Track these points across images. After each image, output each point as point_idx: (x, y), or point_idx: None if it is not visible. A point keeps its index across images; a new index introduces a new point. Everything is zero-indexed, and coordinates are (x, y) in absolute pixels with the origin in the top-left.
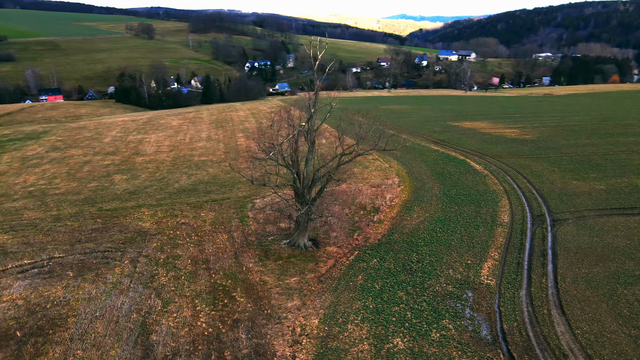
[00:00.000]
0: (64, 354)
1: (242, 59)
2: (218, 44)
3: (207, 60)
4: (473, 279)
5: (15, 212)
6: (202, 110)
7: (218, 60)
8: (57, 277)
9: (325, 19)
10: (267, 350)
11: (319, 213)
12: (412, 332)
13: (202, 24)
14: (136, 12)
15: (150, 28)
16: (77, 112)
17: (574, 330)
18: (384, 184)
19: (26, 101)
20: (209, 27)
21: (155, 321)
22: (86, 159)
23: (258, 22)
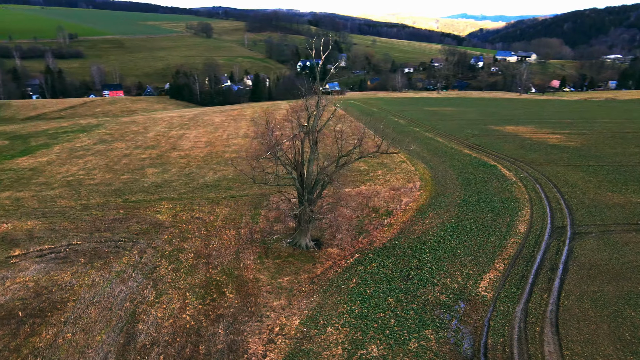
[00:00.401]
0: (55, 336)
1: (294, 58)
2: (272, 42)
3: (260, 58)
4: (470, 289)
5: (50, 200)
6: (247, 108)
7: (271, 58)
8: (69, 263)
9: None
10: (240, 347)
11: (321, 214)
12: (390, 340)
13: (258, 23)
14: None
15: (208, 27)
16: (133, 107)
17: (564, 351)
18: (404, 187)
19: (90, 96)
20: (265, 26)
21: (145, 311)
22: (127, 152)
23: (314, 21)
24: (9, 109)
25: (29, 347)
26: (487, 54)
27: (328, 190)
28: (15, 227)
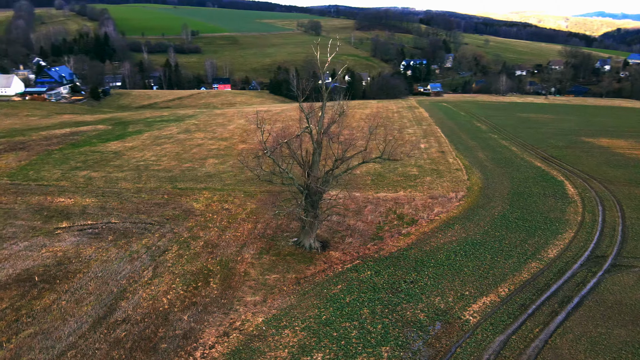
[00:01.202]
0: (52, 302)
1: (398, 57)
2: (378, 41)
3: (365, 57)
4: (456, 311)
5: (115, 181)
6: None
7: (375, 57)
8: (98, 239)
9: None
10: (194, 336)
11: (324, 216)
12: (340, 351)
13: (368, 21)
14: (310, 10)
15: (317, 25)
16: (234, 99)
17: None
18: (444, 196)
19: (201, 88)
20: (374, 24)
21: (134, 290)
22: (201, 142)
23: (425, 20)
24: (128, 97)
25: (28, 308)
26: (617, 57)
27: (342, 192)
28: (75, 203)
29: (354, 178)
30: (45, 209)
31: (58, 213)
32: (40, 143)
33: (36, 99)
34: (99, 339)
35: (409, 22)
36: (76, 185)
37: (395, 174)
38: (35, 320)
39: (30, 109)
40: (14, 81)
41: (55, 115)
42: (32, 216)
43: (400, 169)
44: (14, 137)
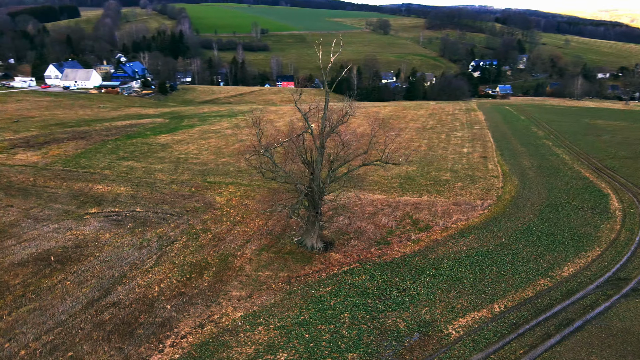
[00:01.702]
0: (58, 282)
1: (467, 57)
2: (448, 40)
3: (432, 56)
4: (440, 324)
5: (153, 172)
6: (386, 106)
7: (443, 57)
8: (119, 225)
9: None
10: (170, 325)
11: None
12: (305, 353)
13: (439, 20)
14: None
15: (386, 24)
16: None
17: None
18: (470, 203)
19: (265, 85)
20: (445, 23)
21: (133, 276)
22: (245, 138)
23: (501, 18)
24: (194, 92)
25: (35, 285)
26: None
27: (348, 193)
28: (111, 190)
29: (379, 180)
30: (84, 194)
31: (93, 199)
32: (100, 133)
33: (110, 92)
34: (85, 319)
35: (483, 21)
36: (117, 174)
37: (425, 178)
38: (38, 297)
39: (103, 101)
40: (93, 75)
41: (124, 107)
42: (70, 201)
43: (433, 173)
44: (80, 127)
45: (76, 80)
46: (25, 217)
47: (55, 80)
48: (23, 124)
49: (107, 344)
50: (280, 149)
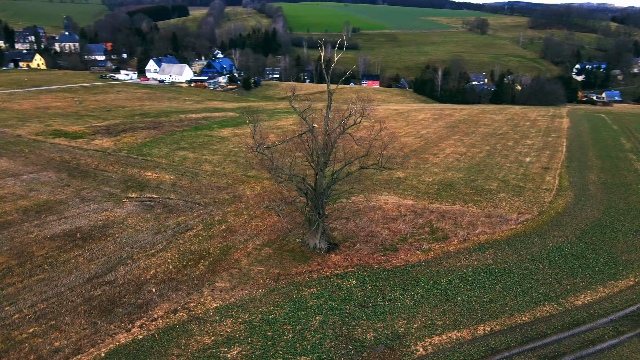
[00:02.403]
0: (73, 257)
1: (572, 59)
2: (551, 41)
3: (531, 58)
4: (411, 339)
5: (201, 163)
6: (463, 109)
7: (545, 59)
8: (147, 211)
9: None
10: (147, 308)
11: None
12: (260, 351)
13: (545, 19)
14: (482, 7)
15: (483, 23)
16: (373, 96)
17: None
18: (503, 217)
19: (350, 84)
20: (551, 22)
21: (137, 259)
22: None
23: (619, 17)
24: (276, 88)
25: (54, 258)
26: None
27: (360, 198)
28: (157, 178)
29: (417, 185)
30: (132, 180)
31: (138, 185)
32: (173, 124)
33: (199, 86)
34: (79, 293)
35: (597, 20)
36: (169, 163)
37: (468, 186)
38: (51, 268)
39: (190, 94)
40: (185, 70)
41: (206, 101)
42: (118, 185)
43: (478, 182)
44: (159, 118)
45: (171, 75)
46: (74, 197)
47: (154, 74)
48: (113, 113)
49: (86, 317)
50: (282, 148)
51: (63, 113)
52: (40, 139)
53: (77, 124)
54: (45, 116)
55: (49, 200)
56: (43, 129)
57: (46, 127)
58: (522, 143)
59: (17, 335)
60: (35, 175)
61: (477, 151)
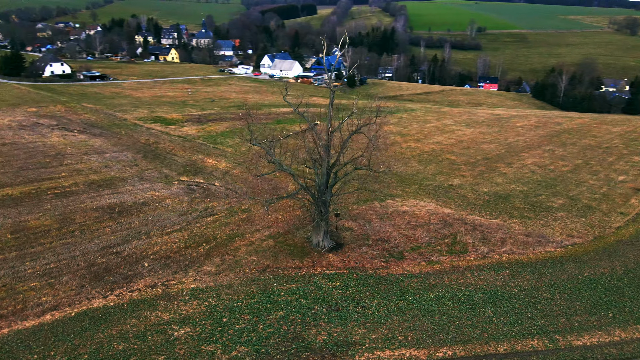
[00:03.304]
0: (102, 227)
1: None
2: None
3: None
4: (359, 349)
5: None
6: (579, 118)
7: None
8: (187, 194)
9: None
10: (132, 280)
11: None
12: (207, 334)
13: None
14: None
15: (635, 23)
16: (483, 100)
17: None
18: (545, 237)
19: (465, 86)
20: None
21: (151, 236)
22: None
23: None
24: (381, 87)
25: (86, 227)
26: None
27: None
28: (214, 165)
29: (466, 195)
30: (192, 164)
31: (194, 169)
32: (259, 117)
33: (304, 82)
34: (87, 259)
35: None
36: (234, 153)
37: (525, 201)
38: (80, 235)
39: (294, 89)
40: (295, 66)
41: (307, 96)
42: (177, 168)
43: (542, 197)
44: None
45: (281, 70)
46: (136, 176)
47: (267, 69)
48: (214, 104)
49: (79, 280)
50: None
51: (172, 102)
52: (139, 123)
53: (178, 112)
54: (156, 104)
55: (114, 176)
56: (147, 114)
57: (150, 114)
58: (627, 159)
59: (19, 287)
60: (116, 154)
61: (563, 164)
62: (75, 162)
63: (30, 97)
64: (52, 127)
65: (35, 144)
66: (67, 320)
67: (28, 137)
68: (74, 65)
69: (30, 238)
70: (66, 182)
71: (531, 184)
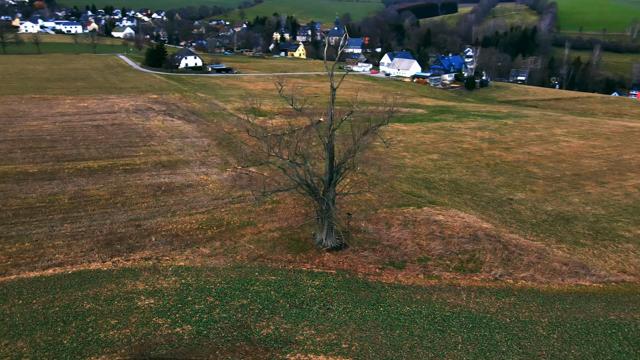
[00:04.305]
0: (142, 201)
1: None
2: None
3: None
4: (296, 348)
5: None
6: None
7: None
8: (234, 181)
9: None
10: (133, 251)
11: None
12: (163, 308)
13: None
14: None
15: None
16: (627, 110)
17: None
18: (587, 268)
19: (613, 93)
20: None
21: (176, 215)
22: (462, 139)
23: None
24: (502, 91)
25: (129, 201)
26: None
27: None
28: None
29: (523, 212)
30: (255, 155)
31: (254, 159)
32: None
33: (420, 82)
34: (111, 228)
35: None
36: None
37: (590, 227)
38: (121, 206)
39: (406, 89)
40: (413, 66)
41: (417, 97)
42: (241, 157)
43: (619, 224)
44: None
45: (399, 69)
46: (199, 160)
47: (385, 68)
48: (316, 99)
49: (92, 244)
50: None
51: (275, 95)
52: (234, 112)
53: (276, 104)
54: (260, 96)
55: (180, 159)
56: (246, 105)
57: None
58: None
59: (46, 243)
60: (195, 139)
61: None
62: (158, 144)
63: (159, 85)
64: (159, 112)
65: (137, 125)
66: (62, 277)
67: (134, 119)
68: (206, 59)
69: (81, 204)
70: (139, 160)
71: (613, 208)
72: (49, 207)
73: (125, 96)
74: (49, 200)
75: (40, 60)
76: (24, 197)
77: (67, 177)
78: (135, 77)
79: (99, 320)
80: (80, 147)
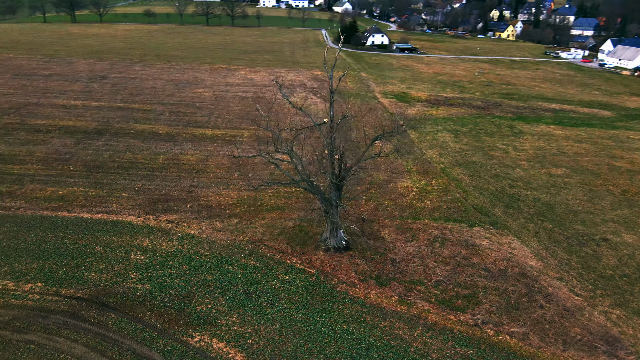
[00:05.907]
0: (215, 173)
1: None
2: None
3: None
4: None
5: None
6: None
7: None
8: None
9: None
10: (164, 212)
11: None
12: (145, 266)
13: None
14: None
15: None
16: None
17: None
18: (622, 345)
19: None
20: None
21: (229, 188)
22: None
23: None
24: None
25: (205, 171)
26: None
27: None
28: None
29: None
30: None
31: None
32: (505, 109)
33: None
34: (168, 189)
35: None
36: (418, 143)
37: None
38: (195, 173)
39: (614, 84)
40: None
41: (622, 95)
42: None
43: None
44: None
45: (620, 59)
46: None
47: (604, 56)
48: (487, 89)
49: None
50: None
51: (444, 80)
52: (379, 97)
53: (433, 91)
54: (426, 81)
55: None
56: (398, 90)
57: (405, 89)
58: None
59: (115, 193)
60: None
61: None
62: (276, 120)
63: (333, 62)
64: (307, 90)
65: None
66: (101, 222)
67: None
68: (394, 37)
69: (168, 166)
70: (243, 133)
71: None
72: (145, 165)
73: (294, 70)
74: (150, 158)
75: (254, 33)
76: (137, 153)
77: (180, 141)
78: (318, 52)
79: (94, 263)
80: (213, 115)
